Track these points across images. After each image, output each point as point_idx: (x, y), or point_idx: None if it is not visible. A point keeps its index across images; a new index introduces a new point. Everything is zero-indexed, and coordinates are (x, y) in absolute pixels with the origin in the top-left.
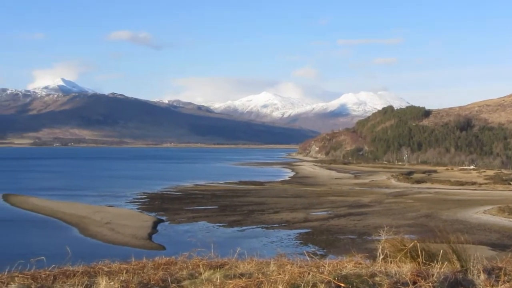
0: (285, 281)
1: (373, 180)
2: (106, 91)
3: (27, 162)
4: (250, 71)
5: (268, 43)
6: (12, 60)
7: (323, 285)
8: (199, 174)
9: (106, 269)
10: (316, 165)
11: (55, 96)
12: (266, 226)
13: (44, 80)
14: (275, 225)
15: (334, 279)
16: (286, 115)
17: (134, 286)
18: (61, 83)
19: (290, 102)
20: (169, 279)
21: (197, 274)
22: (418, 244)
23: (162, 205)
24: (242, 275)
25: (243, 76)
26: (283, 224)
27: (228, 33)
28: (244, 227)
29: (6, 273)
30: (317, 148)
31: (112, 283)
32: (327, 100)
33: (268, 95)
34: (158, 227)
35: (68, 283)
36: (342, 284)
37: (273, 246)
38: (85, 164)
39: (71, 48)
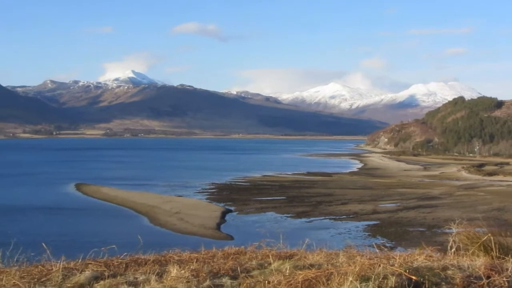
0: (355, 272)
1: (443, 172)
2: (175, 82)
3: (98, 152)
4: (318, 62)
5: (336, 33)
6: (83, 53)
7: (394, 277)
8: (267, 165)
9: (176, 257)
10: (384, 157)
11: (126, 87)
12: (334, 217)
13: (115, 72)
14: (343, 217)
15: (405, 271)
16: (354, 106)
17: (204, 275)
18: (132, 75)
19: (359, 93)
20: (238, 269)
21: (266, 264)
22: (491, 237)
23: (230, 195)
24: (311, 265)
25: (311, 67)
26: (351, 216)
27: (295, 24)
28: (311, 218)
29: (80, 260)
30: (385, 140)
31: (183, 271)
32: (396, 91)
33: (336, 86)
34: (227, 217)
35: (140, 271)
36: (414, 277)
37: (341, 237)
38: (154, 154)
39: (141, 40)
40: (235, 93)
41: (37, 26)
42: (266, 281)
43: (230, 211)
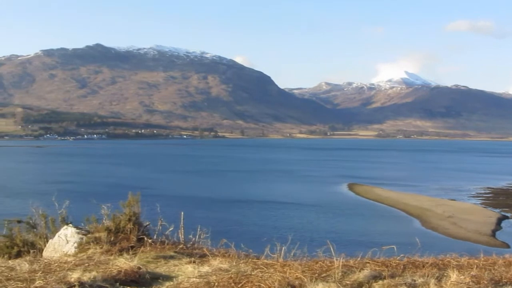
0: None
1: None
2: (449, 83)
3: (370, 153)
4: None
5: None
6: (356, 54)
7: None
8: None
9: (455, 262)
10: None
11: (398, 88)
12: None
13: (388, 73)
14: None
15: None
16: None
17: (485, 282)
18: (404, 75)
19: None
20: None
21: None
22: None
23: (507, 201)
24: None
25: None
26: None
27: None
28: None
29: (359, 259)
30: None
31: (462, 277)
32: None
33: None
34: (502, 224)
35: (418, 274)
36: None
37: None
38: (426, 156)
39: (412, 40)
40: None
41: (311, 30)
42: None
43: (507, 217)
